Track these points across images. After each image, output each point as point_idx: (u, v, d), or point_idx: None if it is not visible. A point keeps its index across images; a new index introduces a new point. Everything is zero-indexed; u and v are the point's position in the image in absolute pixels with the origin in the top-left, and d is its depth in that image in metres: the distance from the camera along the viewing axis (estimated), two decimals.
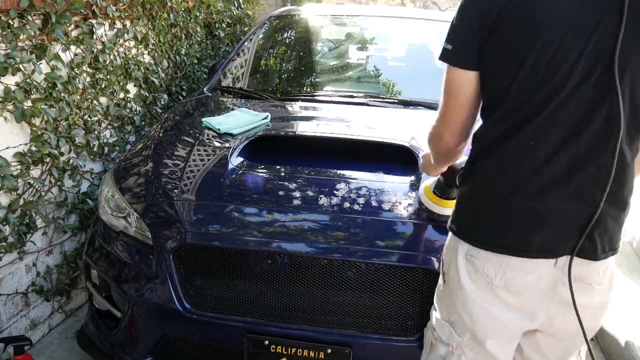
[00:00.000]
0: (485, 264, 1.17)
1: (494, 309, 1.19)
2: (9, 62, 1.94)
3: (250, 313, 1.66)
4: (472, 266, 1.19)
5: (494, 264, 1.16)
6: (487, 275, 1.17)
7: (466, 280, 1.20)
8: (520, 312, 1.19)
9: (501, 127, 1.13)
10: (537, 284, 1.16)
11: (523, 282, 1.15)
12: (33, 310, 2.32)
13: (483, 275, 1.17)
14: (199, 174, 1.98)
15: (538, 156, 1.10)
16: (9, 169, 2.00)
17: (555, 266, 1.15)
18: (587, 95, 1.05)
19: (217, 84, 3.00)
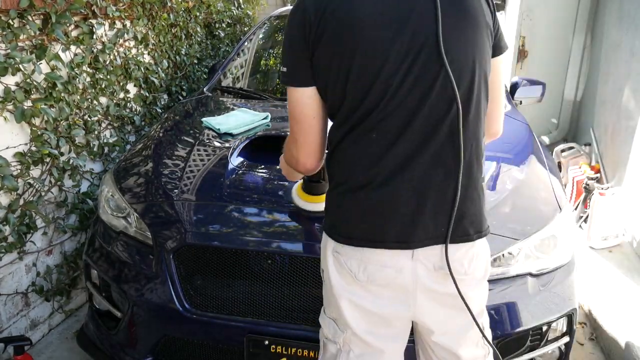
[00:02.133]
0: (349, 260, 1.19)
1: (364, 302, 1.20)
2: (9, 62, 1.95)
3: (250, 313, 1.66)
4: (338, 262, 1.21)
5: (356, 259, 1.18)
6: (351, 271, 1.19)
7: (335, 276, 1.22)
8: (388, 302, 1.20)
9: (345, 128, 1.15)
10: (399, 277, 1.17)
11: (384, 276, 1.17)
12: (33, 310, 2.32)
13: (347, 270, 1.19)
14: (199, 174, 1.98)
15: (379, 148, 1.12)
16: (9, 169, 2.00)
17: (413, 258, 1.16)
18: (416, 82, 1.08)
19: (217, 84, 3.00)
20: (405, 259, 1.16)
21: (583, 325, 2.58)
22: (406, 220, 1.13)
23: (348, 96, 1.12)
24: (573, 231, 1.89)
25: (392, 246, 1.15)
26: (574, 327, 1.80)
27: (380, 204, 1.14)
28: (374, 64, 1.08)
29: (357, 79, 1.10)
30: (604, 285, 2.72)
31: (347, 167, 1.17)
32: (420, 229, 1.14)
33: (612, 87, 3.76)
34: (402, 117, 1.10)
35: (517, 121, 2.54)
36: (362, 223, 1.16)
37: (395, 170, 1.12)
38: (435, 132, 1.10)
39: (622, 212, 3.14)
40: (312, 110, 1.20)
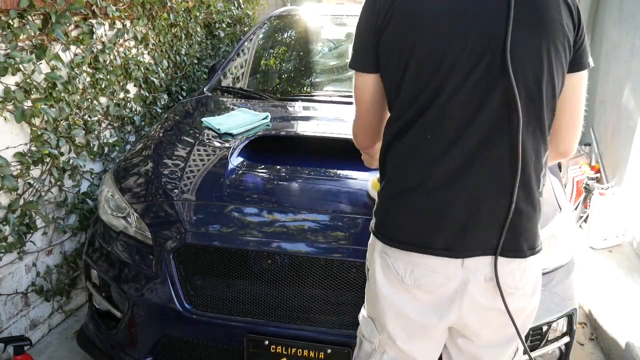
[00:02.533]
0: (396, 262, 1.17)
1: (406, 306, 1.18)
2: (9, 62, 1.95)
3: (250, 313, 1.66)
4: (385, 263, 1.19)
5: (404, 262, 1.16)
6: (398, 273, 1.17)
7: (380, 277, 1.20)
8: (431, 310, 1.18)
9: (399, 124, 1.15)
10: (446, 284, 1.14)
11: (432, 281, 1.14)
12: (33, 310, 2.32)
13: (394, 273, 1.18)
14: (199, 174, 1.98)
15: (434, 151, 1.10)
16: (9, 169, 2.00)
17: (463, 266, 1.13)
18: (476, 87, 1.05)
19: (217, 84, 3.00)
20: (455, 267, 1.13)
21: (583, 325, 2.58)
22: (456, 229, 1.11)
23: (403, 91, 1.11)
24: (573, 231, 1.89)
25: (440, 253, 1.12)
26: (574, 327, 1.80)
27: (431, 209, 1.12)
28: (431, 62, 1.06)
29: (413, 75, 1.09)
30: (604, 285, 2.72)
31: (399, 166, 1.16)
32: (470, 239, 1.11)
33: (612, 87, 3.76)
34: (458, 121, 1.07)
35: None
36: (411, 227, 1.14)
37: (449, 176, 1.09)
38: (493, 142, 1.07)
39: (622, 212, 3.14)
40: (371, 96, 1.22)
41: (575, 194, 3.62)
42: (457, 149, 1.08)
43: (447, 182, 1.10)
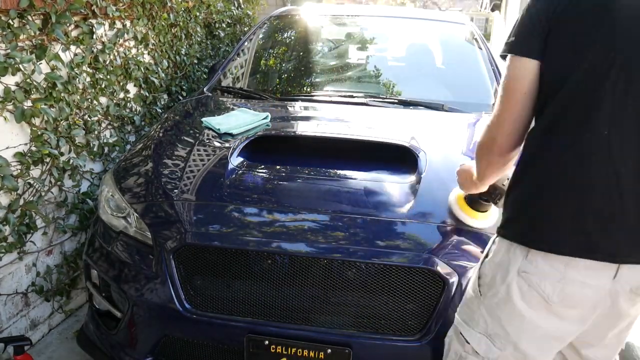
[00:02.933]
0: (542, 281, 1.12)
1: (544, 323, 1.16)
2: (9, 62, 1.95)
3: (250, 313, 1.66)
4: (527, 282, 1.15)
5: (552, 279, 1.12)
6: (544, 292, 1.13)
7: (517, 296, 1.16)
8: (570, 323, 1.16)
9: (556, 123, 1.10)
10: (594, 297, 1.12)
11: (581, 296, 1.12)
12: (33, 310, 2.32)
13: (538, 292, 1.14)
14: (199, 174, 1.98)
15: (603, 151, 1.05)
16: (9, 169, 2.00)
17: (615, 279, 1.11)
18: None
19: (217, 84, 3.00)
20: (607, 279, 1.11)
21: None
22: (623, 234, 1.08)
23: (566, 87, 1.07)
24: None
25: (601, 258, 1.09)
26: None
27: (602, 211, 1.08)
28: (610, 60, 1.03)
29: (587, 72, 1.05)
30: None
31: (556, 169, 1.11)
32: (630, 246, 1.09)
33: None
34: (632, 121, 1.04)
35: None
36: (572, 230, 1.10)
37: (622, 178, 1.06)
38: None
39: None
40: (527, 86, 1.14)
41: None
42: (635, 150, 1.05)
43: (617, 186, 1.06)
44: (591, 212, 1.09)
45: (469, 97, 2.75)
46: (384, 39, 3.53)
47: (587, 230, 1.09)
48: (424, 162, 1.94)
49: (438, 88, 2.96)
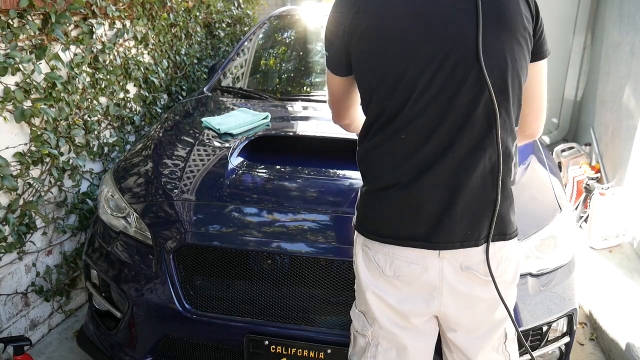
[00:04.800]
0: (377, 254, 1.22)
1: (389, 297, 1.22)
2: (9, 62, 1.94)
3: (250, 313, 1.66)
4: (367, 256, 1.24)
5: (383, 254, 1.21)
6: (379, 265, 1.21)
7: (363, 270, 1.25)
8: (413, 299, 1.22)
9: (375, 124, 1.18)
10: (424, 274, 1.19)
11: (410, 272, 1.19)
12: (33, 311, 2.32)
13: (375, 265, 1.22)
14: (199, 174, 1.98)
15: (408, 149, 1.14)
16: (8, 169, 2.00)
17: (440, 256, 1.17)
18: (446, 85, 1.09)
19: (217, 84, 3.00)
20: (432, 257, 1.17)
21: (583, 325, 2.58)
22: (433, 221, 1.15)
23: (376, 95, 1.15)
24: (573, 231, 1.89)
25: (418, 245, 1.17)
26: (574, 327, 1.80)
27: (408, 203, 1.16)
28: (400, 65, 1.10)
29: (383, 78, 1.12)
30: (604, 285, 2.72)
31: (376, 166, 1.20)
32: (447, 231, 1.15)
33: (612, 87, 3.76)
34: (431, 118, 1.11)
35: None
36: (390, 220, 1.19)
37: (423, 171, 1.13)
38: (465, 135, 1.11)
39: (622, 212, 3.14)
40: (340, 92, 1.32)
41: (576, 194, 3.62)
42: (431, 144, 1.12)
43: (422, 176, 1.14)
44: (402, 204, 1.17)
45: None
46: None
47: (399, 221, 1.18)
48: None
49: None
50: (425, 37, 1.08)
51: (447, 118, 1.10)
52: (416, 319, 1.25)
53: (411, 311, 1.23)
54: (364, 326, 1.31)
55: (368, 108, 1.20)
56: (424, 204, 1.15)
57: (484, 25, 1.07)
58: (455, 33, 1.08)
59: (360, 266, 1.26)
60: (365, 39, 1.13)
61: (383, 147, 1.17)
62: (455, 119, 1.10)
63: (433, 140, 1.12)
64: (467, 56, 1.07)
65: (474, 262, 1.18)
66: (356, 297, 1.34)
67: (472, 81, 1.08)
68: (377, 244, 1.21)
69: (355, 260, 1.29)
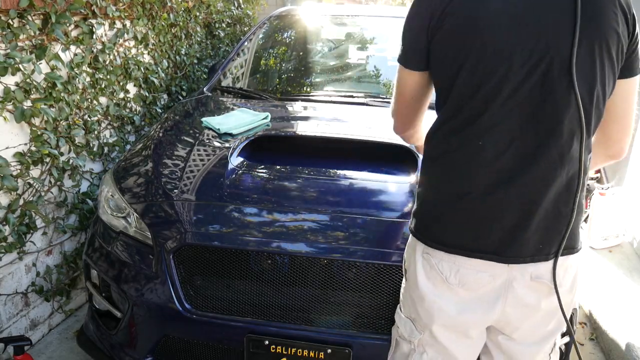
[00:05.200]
0: (440, 262, 1.18)
1: (449, 305, 1.20)
2: (9, 62, 1.94)
3: (250, 313, 1.66)
4: (428, 263, 1.20)
5: (448, 262, 1.17)
6: (442, 273, 1.18)
7: (422, 278, 1.22)
8: (474, 308, 1.19)
9: (448, 127, 1.15)
10: (491, 282, 1.16)
11: (477, 280, 1.16)
12: (33, 310, 2.32)
13: (438, 273, 1.19)
14: (199, 174, 1.98)
15: (487, 155, 1.09)
16: (8, 169, 2.00)
17: (509, 267, 1.14)
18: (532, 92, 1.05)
19: (217, 84, 3.00)
20: (501, 267, 1.15)
21: (583, 325, 2.58)
22: (505, 235, 1.12)
23: (455, 93, 1.11)
24: None
25: (487, 257, 1.13)
26: (574, 327, 1.80)
27: (480, 214, 1.12)
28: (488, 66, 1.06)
29: (467, 79, 1.08)
30: (604, 285, 2.72)
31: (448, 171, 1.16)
32: (519, 246, 1.12)
33: None
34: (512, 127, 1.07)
35: None
36: (458, 230, 1.15)
37: (499, 183, 1.10)
38: (548, 150, 1.07)
39: (622, 212, 3.14)
40: (413, 92, 1.24)
41: None
42: (509, 156, 1.08)
43: (499, 189, 1.10)
44: (474, 214, 1.13)
45: None
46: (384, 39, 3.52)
47: (468, 231, 1.14)
48: None
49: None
50: (519, 39, 1.04)
51: (528, 130, 1.06)
52: (473, 329, 1.23)
53: (469, 321, 1.20)
54: (411, 333, 1.28)
55: (445, 106, 1.15)
56: (498, 217, 1.11)
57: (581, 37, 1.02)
58: (551, 39, 1.03)
59: (419, 274, 1.22)
60: (454, 31, 1.08)
61: (458, 153, 1.13)
62: (538, 131, 1.06)
63: (512, 151, 1.08)
64: (560, 66, 1.03)
65: (542, 274, 1.15)
66: (404, 303, 1.31)
67: (560, 93, 1.04)
68: (441, 252, 1.17)
69: (411, 267, 1.25)
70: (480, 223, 1.13)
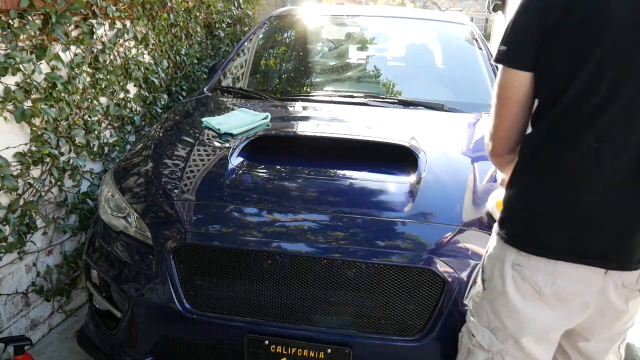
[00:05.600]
0: (535, 274, 1.16)
1: (541, 316, 1.19)
2: (9, 62, 1.94)
3: (250, 313, 1.66)
4: (520, 275, 1.18)
5: (544, 273, 1.14)
6: (537, 285, 1.16)
7: (512, 290, 1.19)
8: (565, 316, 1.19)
9: (555, 129, 1.11)
10: (586, 292, 1.15)
11: (573, 291, 1.15)
12: (33, 310, 2.32)
13: (531, 284, 1.17)
14: (199, 174, 1.98)
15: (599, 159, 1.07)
16: (9, 169, 2.00)
17: (606, 274, 1.13)
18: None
19: (217, 84, 3.00)
20: (598, 276, 1.14)
21: None
22: (613, 240, 1.10)
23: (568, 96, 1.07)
24: None
25: (590, 263, 1.11)
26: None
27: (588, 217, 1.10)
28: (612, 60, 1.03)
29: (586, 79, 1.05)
30: None
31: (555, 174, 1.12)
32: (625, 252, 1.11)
33: None
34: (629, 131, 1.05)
35: None
36: (561, 234, 1.13)
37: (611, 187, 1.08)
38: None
39: None
40: (520, 96, 1.15)
41: None
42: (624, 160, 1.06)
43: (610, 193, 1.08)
44: (580, 218, 1.11)
45: (469, 97, 2.75)
46: (384, 39, 3.53)
47: (575, 236, 1.12)
48: (424, 162, 1.94)
49: (438, 88, 2.96)
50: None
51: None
52: (555, 334, 1.23)
53: (554, 327, 1.21)
54: (491, 343, 1.26)
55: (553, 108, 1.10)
56: (607, 222, 1.09)
57: None
58: None
59: (509, 286, 1.19)
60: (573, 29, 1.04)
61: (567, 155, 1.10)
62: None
63: (628, 155, 1.05)
64: None
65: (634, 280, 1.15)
66: (480, 312, 1.30)
67: None
68: (536, 262, 1.15)
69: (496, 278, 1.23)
70: (586, 227, 1.11)
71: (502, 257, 1.21)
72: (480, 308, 1.30)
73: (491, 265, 1.26)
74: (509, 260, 1.19)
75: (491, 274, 1.25)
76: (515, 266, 1.18)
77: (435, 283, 1.58)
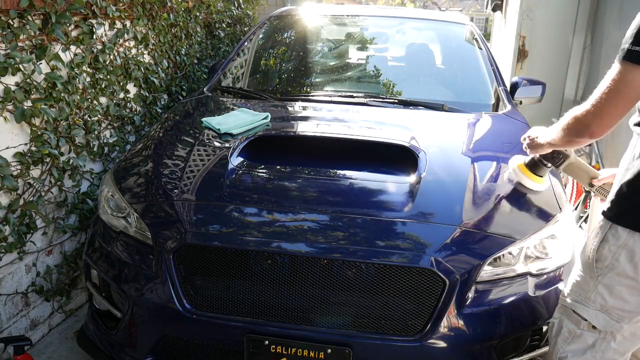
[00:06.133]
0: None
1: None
2: (9, 62, 1.95)
3: (250, 313, 1.66)
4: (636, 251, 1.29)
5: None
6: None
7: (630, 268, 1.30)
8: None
9: None
10: None
11: None
12: (33, 310, 2.32)
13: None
14: (199, 174, 1.98)
15: None
16: (9, 169, 2.00)
17: None
18: None
19: (217, 84, 3.00)
20: None
21: None
22: None
23: None
24: (573, 231, 1.89)
25: None
26: None
27: None
28: None
29: None
30: None
31: None
32: None
33: None
34: None
35: (517, 121, 2.54)
36: None
37: None
38: None
39: None
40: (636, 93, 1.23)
41: (575, 194, 3.62)
42: None
43: None
44: None
45: (469, 97, 2.75)
46: (384, 39, 3.53)
47: None
48: (424, 162, 1.94)
49: (438, 88, 2.96)
50: None
51: None
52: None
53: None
54: (606, 323, 1.37)
55: None
56: None
57: None
58: None
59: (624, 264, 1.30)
60: None
61: None
62: None
63: None
64: None
65: None
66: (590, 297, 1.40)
67: None
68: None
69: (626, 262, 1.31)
70: None
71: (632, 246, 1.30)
72: (590, 293, 1.39)
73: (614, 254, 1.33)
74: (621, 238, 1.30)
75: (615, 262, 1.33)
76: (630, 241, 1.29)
77: (435, 283, 1.58)
